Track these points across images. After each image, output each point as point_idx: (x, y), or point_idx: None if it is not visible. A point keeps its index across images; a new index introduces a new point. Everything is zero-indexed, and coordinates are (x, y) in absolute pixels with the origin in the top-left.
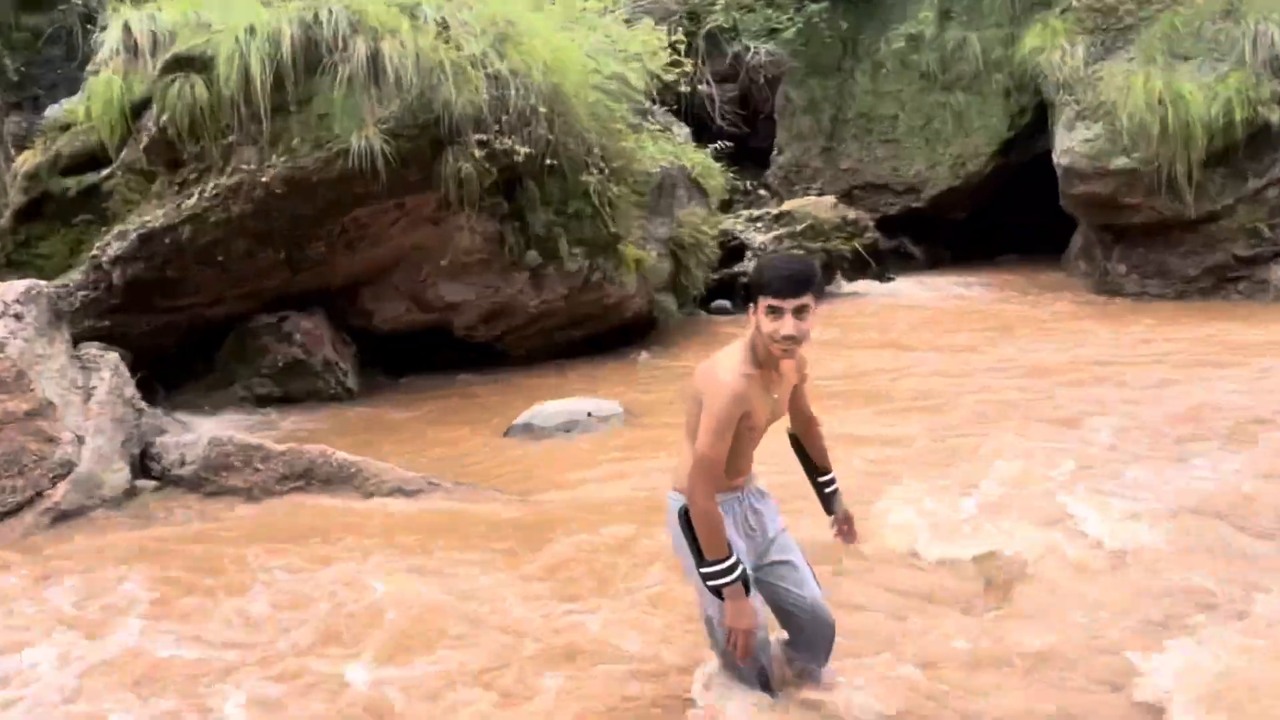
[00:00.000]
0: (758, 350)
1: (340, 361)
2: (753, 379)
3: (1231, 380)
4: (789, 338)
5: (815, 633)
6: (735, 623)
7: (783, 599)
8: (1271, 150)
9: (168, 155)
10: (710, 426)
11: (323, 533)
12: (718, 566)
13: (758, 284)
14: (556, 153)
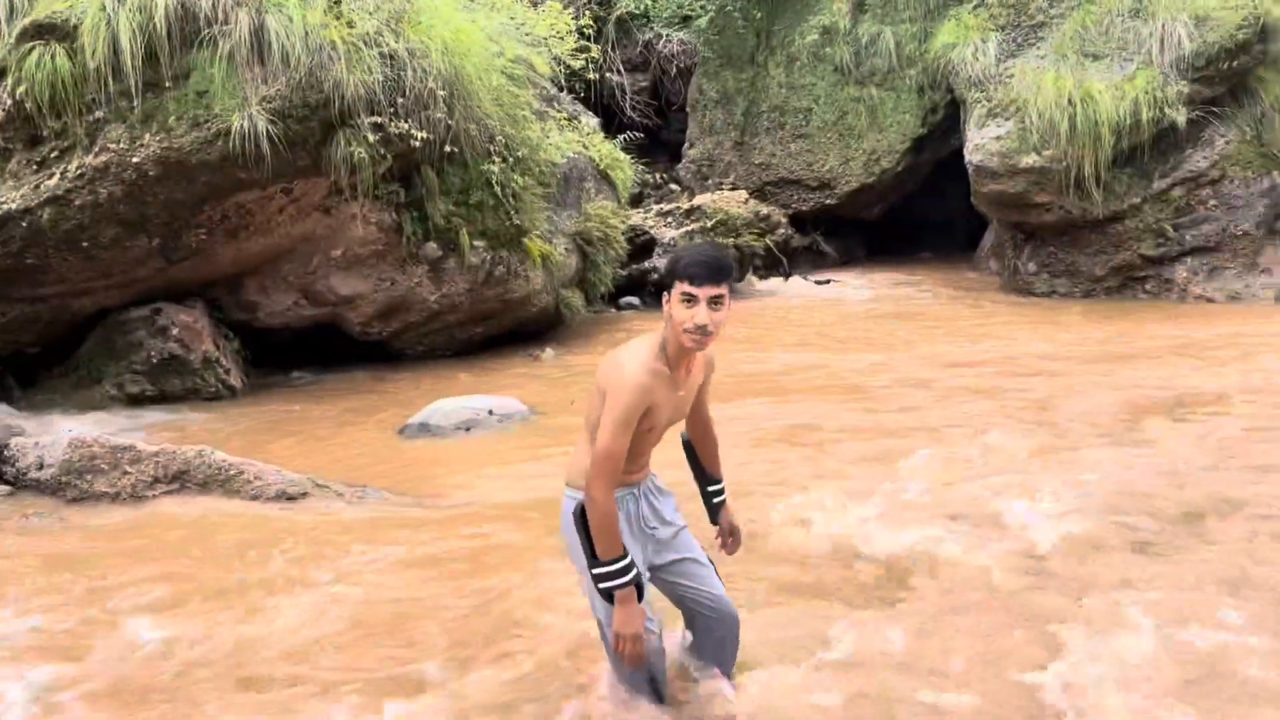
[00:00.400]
0: (669, 346)
1: (222, 358)
2: (660, 375)
3: (1137, 379)
4: (701, 327)
5: (721, 632)
6: (624, 628)
7: (686, 597)
8: (1177, 150)
9: (25, 131)
10: (612, 421)
11: (196, 542)
12: (610, 567)
13: (672, 271)
14: (457, 139)
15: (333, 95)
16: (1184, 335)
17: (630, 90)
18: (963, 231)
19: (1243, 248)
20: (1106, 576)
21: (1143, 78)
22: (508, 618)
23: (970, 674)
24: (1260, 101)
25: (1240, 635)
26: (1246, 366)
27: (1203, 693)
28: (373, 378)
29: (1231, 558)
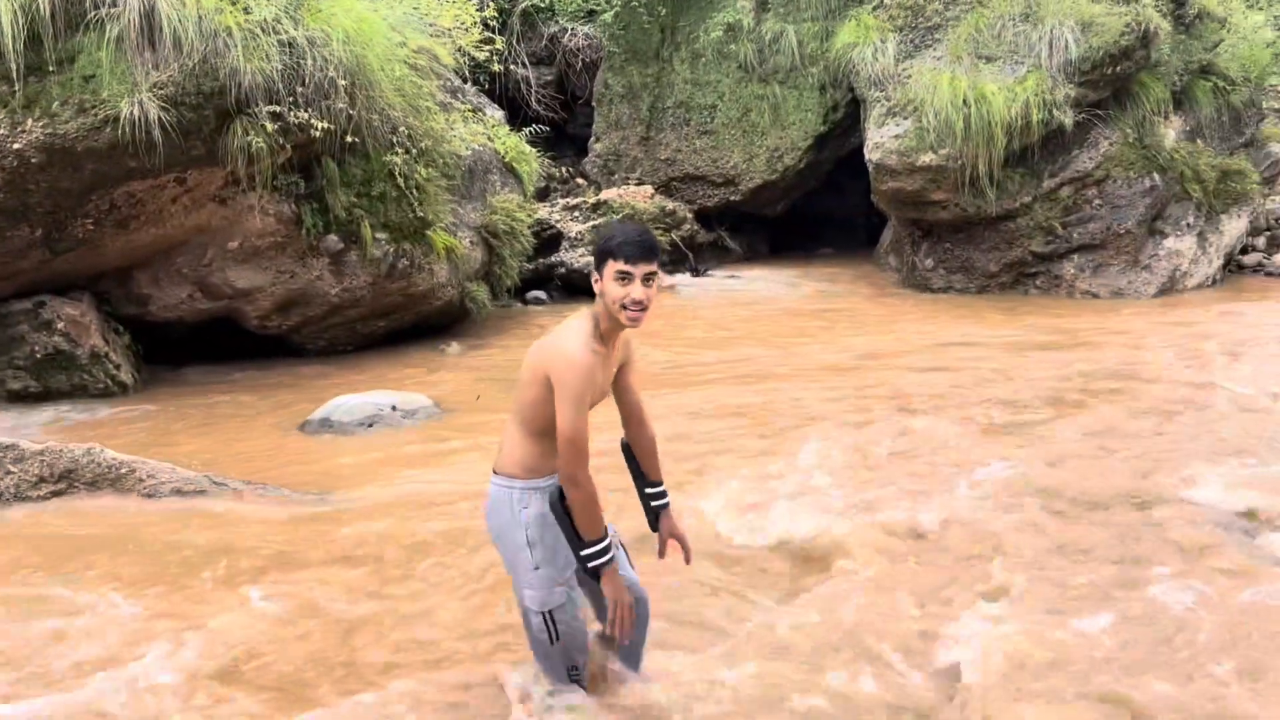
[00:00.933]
0: (601, 324)
1: (111, 353)
2: (599, 355)
3: (1032, 370)
4: (638, 303)
5: (637, 619)
6: (619, 596)
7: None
8: (1065, 151)
9: None
10: (568, 403)
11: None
12: (597, 546)
13: (605, 250)
14: (359, 130)
15: (228, 83)
16: (1073, 328)
17: (535, 83)
18: (863, 228)
19: (1126, 245)
20: (994, 556)
21: (1033, 80)
22: (413, 613)
23: (871, 651)
24: (1142, 105)
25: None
26: (1127, 357)
27: (1070, 673)
28: (273, 373)
29: (1112, 541)
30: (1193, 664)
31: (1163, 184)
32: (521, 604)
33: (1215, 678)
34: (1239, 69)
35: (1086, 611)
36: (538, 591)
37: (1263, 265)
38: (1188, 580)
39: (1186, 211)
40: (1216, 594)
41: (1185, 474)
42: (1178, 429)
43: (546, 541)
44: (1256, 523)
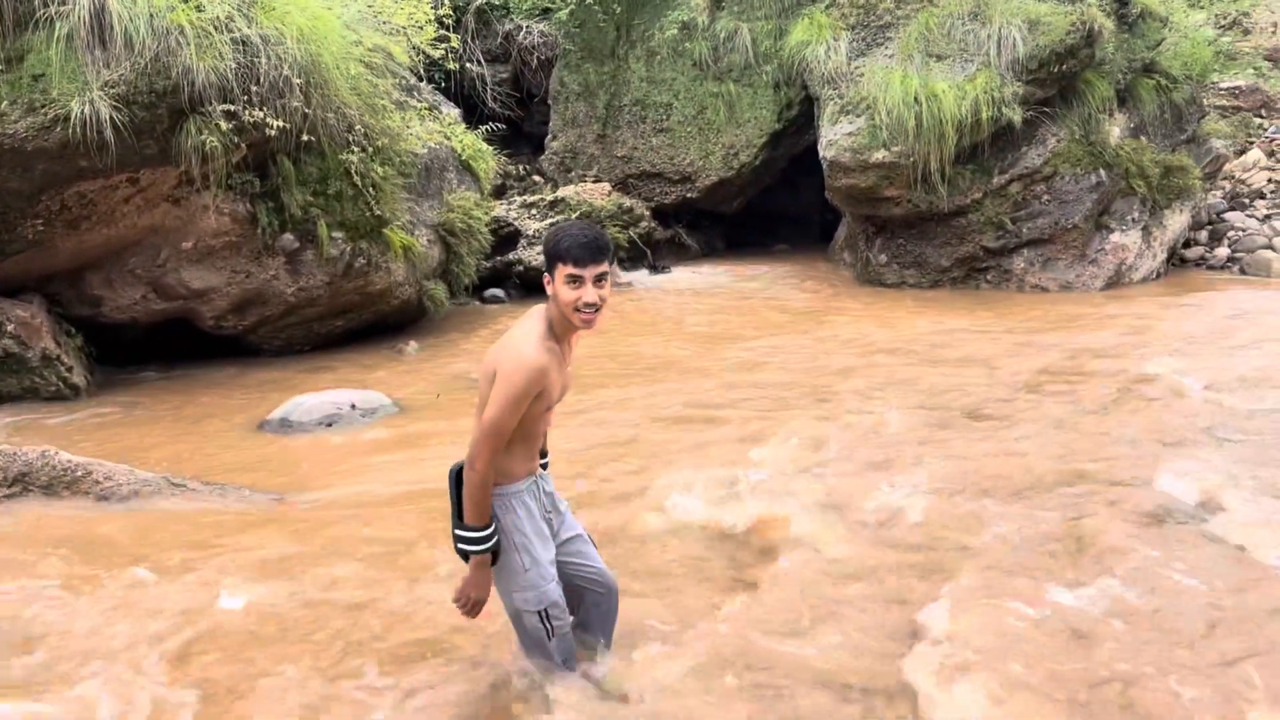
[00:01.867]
0: (555, 324)
1: (63, 355)
2: (553, 354)
3: (978, 364)
4: (590, 305)
5: (606, 605)
6: (475, 590)
7: (577, 575)
8: (1014, 148)
9: None
10: (505, 398)
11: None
12: (476, 533)
13: (555, 253)
14: (314, 128)
15: (181, 81)
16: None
17: (491, 81)
18: (817, 225)
19: (1073, 240)
20: (949, 545)
21: (982, 78)
22: (393, 610)
23: (834, 637)
24: (1087, 103)
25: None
26: (1074, 349)
27: (1025, 650)
28: (229, 374)
29: (1059, 528)
30: (1140, 645)
31: (1108, 180)
32: (511, 608)
33: (1162, 658)
34: (1181, 67)
35: (1035, 595)
36: (531, 592)
37: (1205, 259)
38: (1134, 563)
39: (1131, 207)
40: (1161, 576)
41: (1130, 462)
42: (1122, 419)
43: (533, 541)
44: (1198, 507)
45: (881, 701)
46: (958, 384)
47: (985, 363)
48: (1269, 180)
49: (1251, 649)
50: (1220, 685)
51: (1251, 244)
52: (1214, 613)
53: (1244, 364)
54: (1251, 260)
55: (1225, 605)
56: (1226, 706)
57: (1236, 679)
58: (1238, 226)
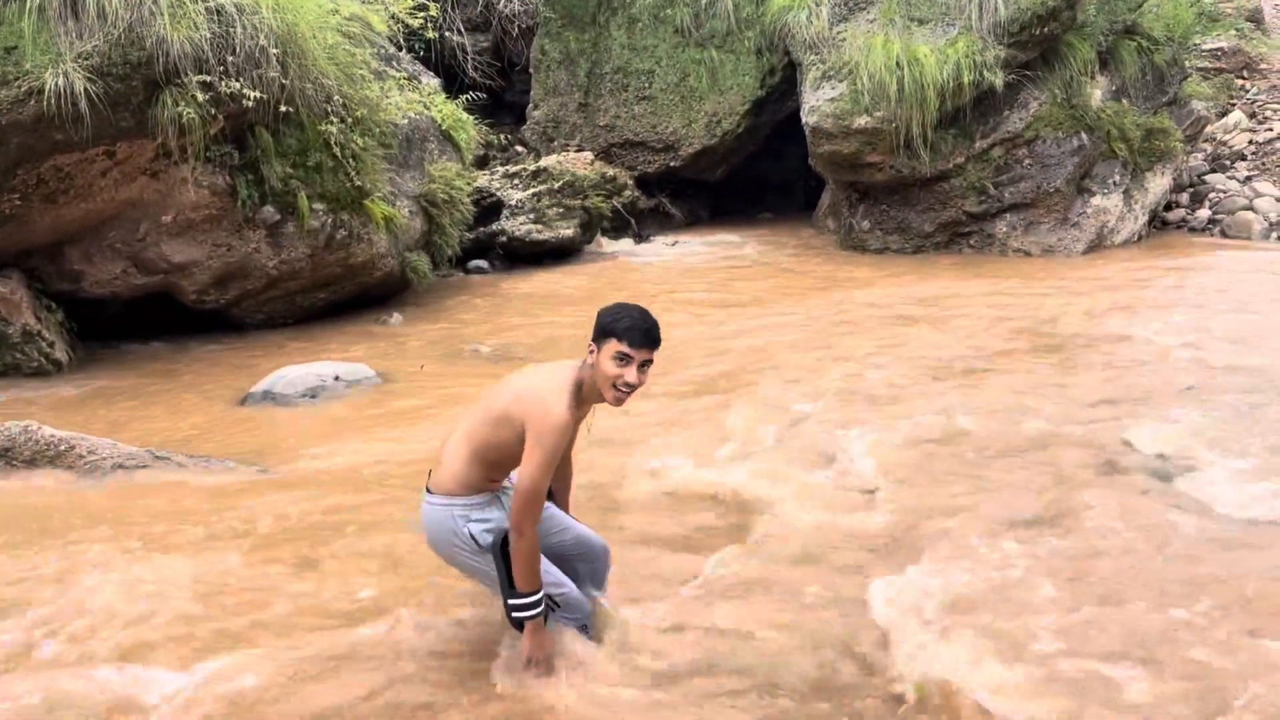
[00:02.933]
0: (585, 388)
1: (44, 330)
2: (577, 415)
3: (959, 328)
4: (630, 385)
5: (595, 562)
6: (536, 653)
7: (565, 548)
8: (995, 112)
9: None
10: (541, 459)
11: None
12: (527, 599)
13: (612, 330)
14: (292, 99)
15: (156, 52)
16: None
17: (471, 50)
18: (801, 191)
19: (1055, 203)
20: (930, 507)
21: (964, 42)
22: (362, 573)
23: (817, 597)
24: (1069, 66)
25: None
26: (1054, 312)
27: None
28: (212, 347)
29: (1035, 486)
30: (1111, 598)
31: (1090, 143)
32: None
33: (1129, 610)
34: (1162, 29)
35: (1009, 553)
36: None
37: (1186, 221)
38: (1107, 520)
39: (1113, 170)
40: (1132, 531)
41: (1111, 422)
42: (1099, 379)
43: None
44: (1171, 464)
45: (852, 657)
46: (936, 347)
47: (963, 326)
48: (1250, 142)
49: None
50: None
51: (1232, 206)
52: (1173, 567)
53: (1223, 324)
54: (1232, 222)
55: (1182, 559)
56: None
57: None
58: (1219, 188)
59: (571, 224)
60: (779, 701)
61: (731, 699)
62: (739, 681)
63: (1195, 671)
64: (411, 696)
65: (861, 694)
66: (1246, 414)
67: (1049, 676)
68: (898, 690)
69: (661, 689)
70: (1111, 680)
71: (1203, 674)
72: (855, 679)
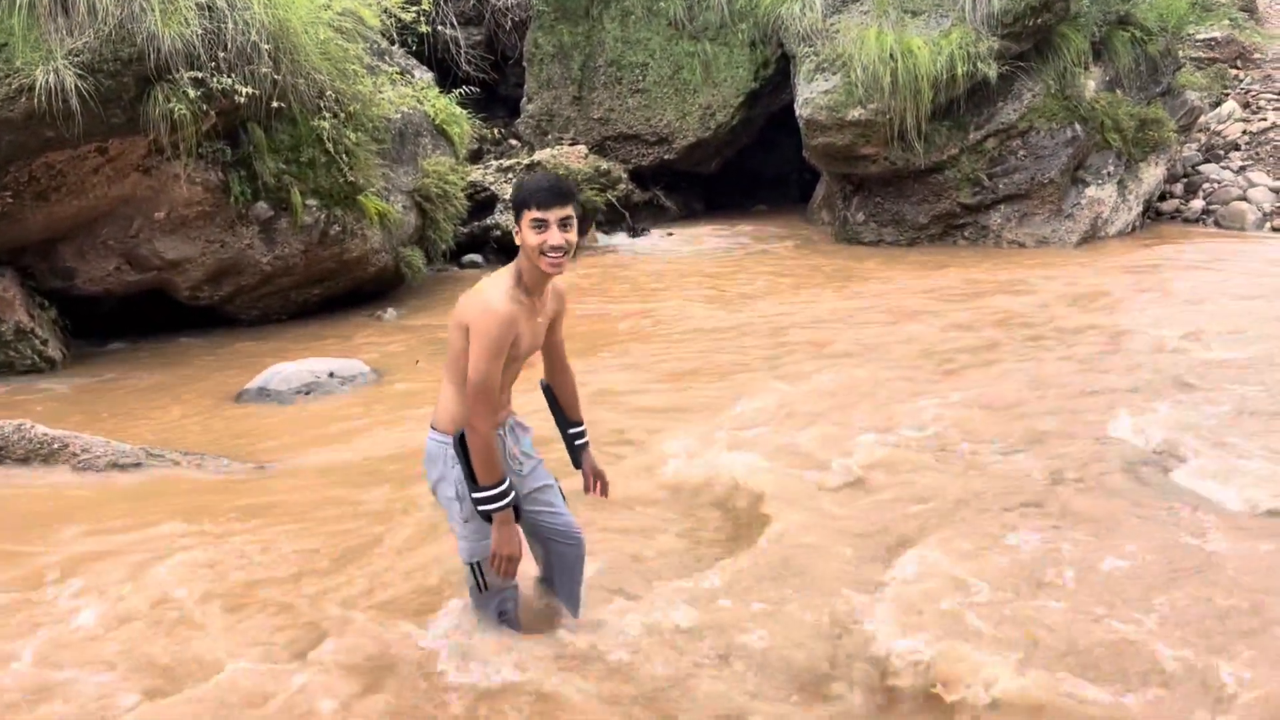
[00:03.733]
0: (524, 275)
1: (37, 328)
2: (522, 304)
3: (955, 318)
4: (556, 248)
5: (571, 558)
6: (501, 548)
7: (542, 524)
8: (989, 103)
9: None
10: (482, 351)
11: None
12: (491, 491)
13: (520, 200)
14: (285, 95)
15: (147, 48)
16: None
17: (465, 44)
18: (796, 184)
19: (1049, 195)
20: (926, 499)
21: (957, 33)
22: (361, 567)
23: (817, 590)
24: (1063, 56)
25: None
26: (1048, 303)
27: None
28: (206, 344)
29: (1031, 480)
30: (1100, 591)
31: (1084, 134)
32: (463, 557)
33: (1119, 603)
34: (1156, 19)
35: (1003, 548)
36: (467, 543)
37: (1180, 212)
38: (1100, 513)
39: (1107, 160)
40: (1124, 524)
41: (1103, 414)
42: (1095, 371)
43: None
44: (1166, 457)
45: (852, 650)
46: (931, 338)
47: (958, 317)
48: (1244, 132)
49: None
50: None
51: (1226, 196)
52: (1164, 556)
53: (1215, 315)
54: (1226, 212)
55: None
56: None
57: (1164, 616)
58: (1213, 179)
59: None
60: (781, 695)
61: (732, 693)
62: (740, 674)
63: (1186, 667)
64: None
65: (863, 687)
66: (1241, 405)
67: (1051, 668)
68: (900, 684)
69: (659, 683)
70: (1111, 671)
71: (1197, 667)
72: (855, 672)
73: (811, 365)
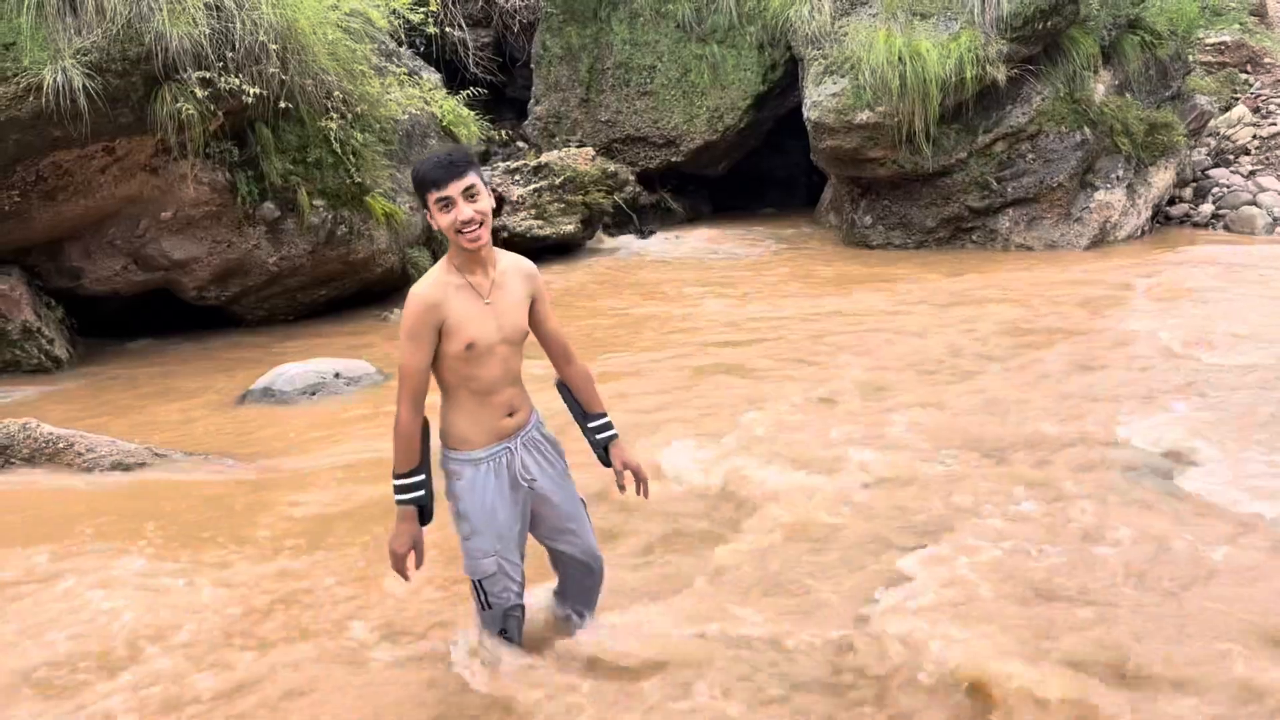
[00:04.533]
0: (454, 257)
1: (44, 328)
2: (450, 286)
3: (963, 322)
4: (467, 222)
5: (589, 581)
6: (392, 543)
7: (560, 548)
8: (998, 106)
9: None
10: (403, 336)
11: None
12: (398, 481)
13: (419, 185)
14: (292, 95)
15: (155, 48)
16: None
17: (473, 46)
18: (803, 187)
19: (1058, 198)
20: (934, 500)
21: (966, 37)
22: (351, 574)
23: (825, 589)
24: (1072, 60)
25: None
26: (1057, 307)
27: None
28: (213, 344)
29: (1040, 484)
30: (1111, 594)
31: (1093, 138)
32: (466, 572)
33: (1128, 605)
34: (1166, 23)
35: (1013, 550)
36: (469, 560)
37: (1189, 216)
38: (1107, 516)
39: (1116, 164)
40: (1132, 527)
41: (1112, 418)
42: (1105, 376)
43: (475, 513)
44: (1175, 462)
45: (859, 650)
46: (940, 341)
47: (965, 321)
48: (1254, 137)
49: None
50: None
51: (1236, 200)
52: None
53: (1224, 320)
54: (1236, 217)
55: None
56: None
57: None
58: (1222, 183)
59: (573, 220)
60: (791, 695)
61: (742, 694)
62: (749, 675)
63: (1207, 670)
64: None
65: (869, 687)
66: (1248, 410)
67: (1063, 666)
68: (912, 680)
69: (666, 685)
70: (1123, 672)
71: (1218, 671)
72: (860, 672)
73: (823, 366)
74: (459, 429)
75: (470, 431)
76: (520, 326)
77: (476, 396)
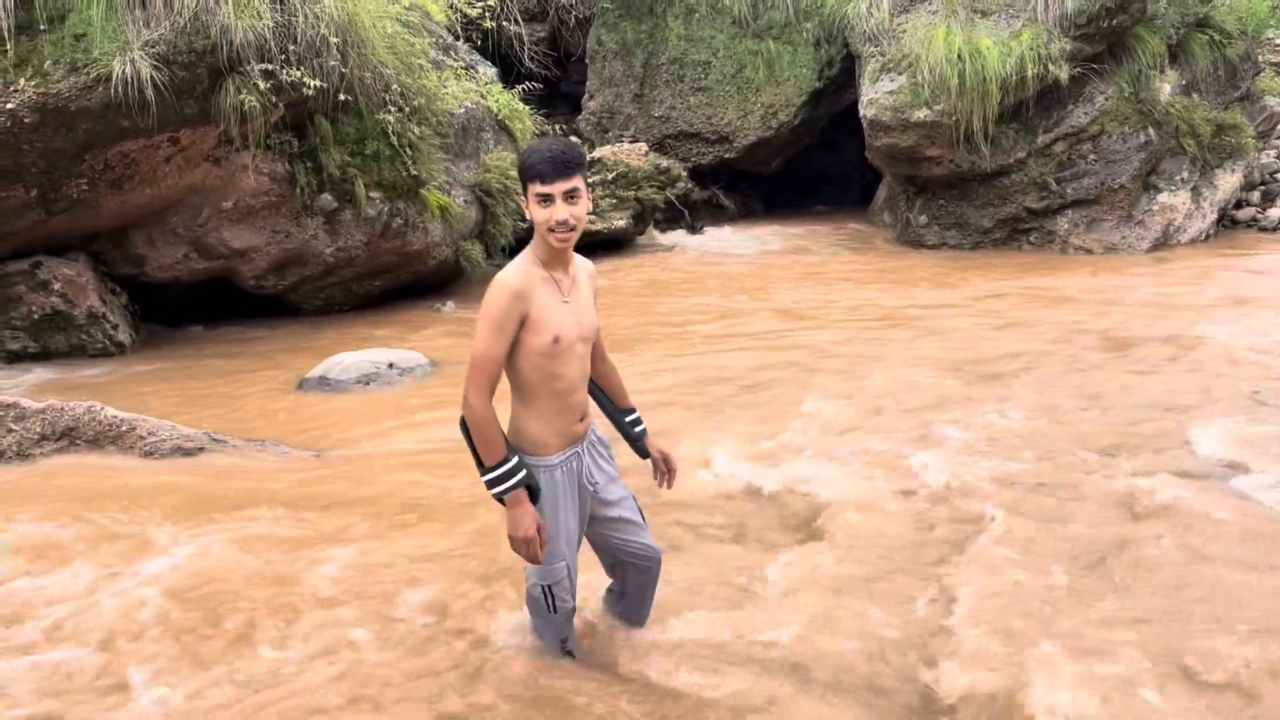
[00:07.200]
0: (539, 251)
1: (109, 313)
2: (533, 276)
3: (1024, 325)
4: (562, 223)
5: (645, 581)
6: (515, 530)
7: (619, 549)
8: (1059, 106)
9: None
10: (483, 325)
11: (97, 499)
12: (496, 471)
13: (524, 174)
14: (351, 88)
15: (220, 40)
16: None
17: (528, 40)
18: (857, 185)
19: (1119, 200)
20: (993, 509)
21: (1028, 34)
22: (406, 565)
23: (881, 598)
24: (1137, 59)
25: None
26: (1119, 311)
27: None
28: (269, 332)
29: (1099, 492)
30: (1167, 602)
31: (1157, 139)
32: (525, 572)
33: (1183, 613)
34: (1235, 22)
35: (1072, 559)
36: (542, 566)
37: (1256, 220)
38: (1169, 527)
39: (1181, 166)
40: (1191, 534)
41: (1174, 424)
42: (1167, 382)
43: (550, 519)
44: (1235, 470)
45: (913, 660)
46: (1001, 344)
47: (1026, 324)
48: None
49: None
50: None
51: None
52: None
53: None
54: None
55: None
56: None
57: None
58: None
59: (624, 215)
60: (846, 705)
61: (794, 701)
62: (801, 683)
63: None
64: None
65: (920, 697)
66: None
67: (1120, 685)
68: (961, 692)
69: (718, 689)
70: (1176, 691)
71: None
72: (913, 683)
73: (874, 368)
74: (533, 432)
75: (546, 435)
76: (594, 324)
77: (558, 398)
